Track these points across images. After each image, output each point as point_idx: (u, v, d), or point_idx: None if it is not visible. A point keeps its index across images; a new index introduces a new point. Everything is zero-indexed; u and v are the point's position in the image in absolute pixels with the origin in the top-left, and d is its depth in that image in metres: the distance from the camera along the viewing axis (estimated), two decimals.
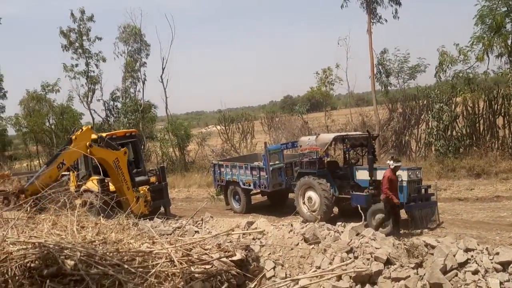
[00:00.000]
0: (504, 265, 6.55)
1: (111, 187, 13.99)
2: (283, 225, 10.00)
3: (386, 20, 20.64)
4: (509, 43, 17.83)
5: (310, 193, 12.52)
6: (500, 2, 17.57)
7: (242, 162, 15.27)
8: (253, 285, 3.85)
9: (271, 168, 13.76)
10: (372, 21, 20.54)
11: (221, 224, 10.02)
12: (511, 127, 18.34)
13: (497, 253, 6.74)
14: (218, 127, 26.30)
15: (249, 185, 14.53)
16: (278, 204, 15.18)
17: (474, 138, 18.73)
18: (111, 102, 29.28)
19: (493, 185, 15.48)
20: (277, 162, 14.28)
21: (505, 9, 17.64)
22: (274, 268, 8.29)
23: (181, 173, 24.20)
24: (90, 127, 12.29)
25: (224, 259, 3.81)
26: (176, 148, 26.77)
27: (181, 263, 3.62)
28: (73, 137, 11.25)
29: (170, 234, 6.90)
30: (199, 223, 10.29)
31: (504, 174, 16.23)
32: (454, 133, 19.07)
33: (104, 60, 28.41)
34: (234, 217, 13.16)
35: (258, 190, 14.94)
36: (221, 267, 3.74)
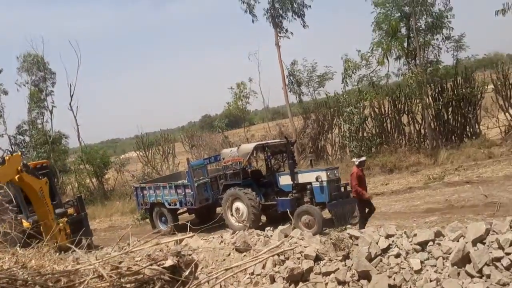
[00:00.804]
0: (423, 245, 7.03)
1: (25, 224, 13.05)
2: (213, 237, 9.94)
3: (292, 33, 21.61)
4: (405, 46, 19.39)
5: (237, 204, 12.58)
6: (393, 8, 19.08)
7: (166, 182, 14.97)
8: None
9: (196, 184, 13.64)
10: (279, 34, 21.37)
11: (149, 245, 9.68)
12: (415, 124, 19.87)
13: (415, 235, 7.22)
14: (137, 152, 25.55)
15: (175, 204, 14.25)
16: (206, 220, 14.96)
17: (384, 137, 20.03)
18: (18, 136, 27.35)
19: (405, 178, 16.61)
20: (201, 177, 14.18)
21: (399, 14, 19.19)
22: (208, 282, 8.20)
23: (101, 202, 23.11)
24: (19, 153, 11.49)
25: (155, 266, 3.71)
26: (93, 177, 25.56)
27: (110, 276, 3.47)
28: (7, 157, 10.64)
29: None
30: (125, 249, 9.88)
31: (414, 167, 17.49)
32: (365, 134, 20.25)
33: (5, 93, 26.59)
34: (162, 238, 12.79)
35: (185, 208, 14.70)
36: (153, 274, 3.64)
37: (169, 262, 3.85)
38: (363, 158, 11.00)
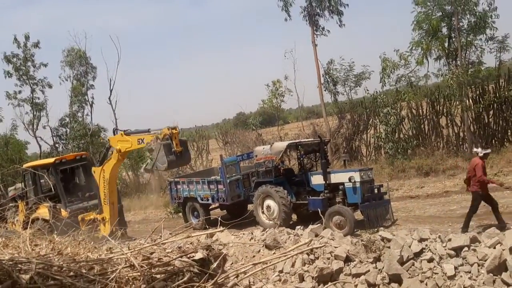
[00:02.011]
0: (457, 251, 6.87)
1: (63, 213, 13.55)
2: (243, 233, 10.03)
3: (329, 31, 21.41)
4: (446, 46, 18.87)
5: (269, 202, 12.61)
6: (435, 7, 18.60)
7: (199, 177, 15.17)
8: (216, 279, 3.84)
9: (228, 181, 13.75)
10: (315, 33, 21.24)
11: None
12: (454, 126, 19.32)
13: (450, 240, 7.06)
14: None
15: (207, 200, 14.43)
16: (238, 216, 15.08)
17: (421, 139, 19.57)
18: (60, 128, 28.34)
19: (442, 181, 16.19)
20: (234, 174, 14.29)
21: (440, 13, 18.66)
22: (236, 277, 8.28)
23: (136, 195, 23.66)
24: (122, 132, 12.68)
25: (185, 258, 3.79)
26: (129, 170, 26.18)
27: (141, 266, 3.57)
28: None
29: None
30: (157, 240, 10.10)
31: (451, 170, 17.01)
32: (401, 135, 19.85)
33: (50, 86, 27.57)
34: (194, 232, 12.99)
35: (217, 204, 14.86)
36: (182, 266, 3.72)
37: (198, 255, 3.92)
38: (489, 150, 10.59)
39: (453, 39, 18.67)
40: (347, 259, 7.61)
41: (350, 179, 11.42)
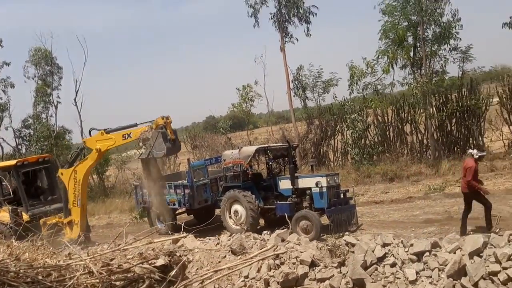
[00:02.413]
0: (419, 256, 7.00)
1: (24, 216, 13.13)
2: (209, 239, 9.94)
3: (297, 39, 21.69)
4: (411, 55, 19.37)
5: (236, 206, 12.54)
6: (401, 17, 19.08)
7: (165, 181, 14.94)
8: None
9: (195, 185, 13.62)
10: (284, 39, 21.43)
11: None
12: (418, 133, 19.82)
13: (412, 245, 7.19)
14: (138, 151, 25.49)
15: (174, 204, 14.22)
16: (205, 221, 14.95)
17: (386, 145, 20.00)
18: (23, 130, 27.45)
19: (406, 187, 16.55)
20: (201, 178, 14.17)
21: (406, 23, 19.17)
22: (202, 282, 8.19)
23: (101, 199, 23.14)
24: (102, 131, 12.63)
25: (146, 265, 3.70)
26: (94, 174, 25.59)
27: (100, 273, 3.47)
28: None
29: None
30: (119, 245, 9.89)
31: (415, 176, 17.44)
32: (367, 141, 20.23)
33: (12, 86, 26.72)
34: (159, 238, 12.77)
35: (184, 209, 14.67)
36: (143, 273, 3.63)
37: (160, 261, 3.84)
38: (484, 153, 10.39)
39: (418, 48, 19.20)
40: (313, 264, 7.64)
41: (317, 184, 11.49)
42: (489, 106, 18.81)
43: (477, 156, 9.82)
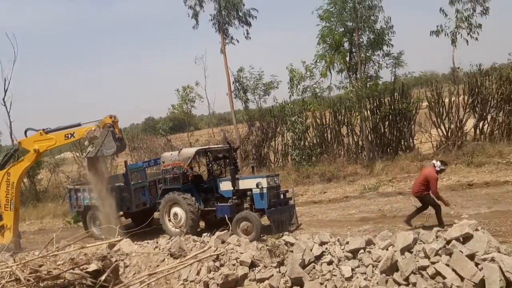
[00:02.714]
0: (354, 253, 7.21)
1: None
2: (147, 242, 9.69)
3: (237, 41, 21.79)
4: (347, 60, 20.03)
5: (176, 209, 12.34)
6: (338, 23, 19.67)
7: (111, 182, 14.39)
8: None
9: (133, 188, 13.26)
10: (225, 41, 21.45)
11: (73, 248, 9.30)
12: (353, 135, 20.53)
13: (347, 243, 7.40)
14: (74, 153, 24.47)
15: None
16: (146, 226, 14.58)
17: (324, 147, 20.55)
18: None
19: (342, 187, 17.10)
20: (139, 181, 13.81)
21: (343, 29, 19.80)
22: (139, 285, 7.96)
23: (32, 203, 21.92)
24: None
25: (77, 271, 3.53)
26: (25, 177, 24.16)
27: (28, 280, 3.26)
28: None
29: None
30: (49, 251, 9.41)
31: (351, 177, 18.06)
32: (306, 143, 20.68)
33: None
34: (94, 243, 12.28)
35: (121, 212, 14.24)
36: (74, 278, 3.46)
37: (92, 267, 3.68)
38: (446, 168, 10.77)
39: (354, 53, 19.90)
40: (252, 265, 7.66)
41: (257, 185, 11.58)
42: (419, 110, 19.84)
43: (439, 169, 10.32)
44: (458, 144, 18.30)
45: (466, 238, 6.36)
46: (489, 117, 18.85)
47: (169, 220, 12.54)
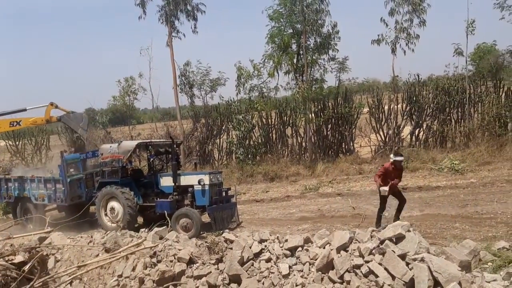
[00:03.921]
0: (292, 251, 7.29)
1: None
2: (81, 236, 9.30)
3: (184, 35, 21.53)
4: (295, 62, 20.28)
5: (113, 203, 11.94)
6: (287, 24, 19.86)
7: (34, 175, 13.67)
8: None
9: (68, 180, 12.68)
10: (172, 34, 21.10)
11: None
12: (297, 136, 20.83)
13: (286, 241, 7.47)
14: (6, 141, 23.09)
15: (43, 200, 13.09)
16: (78, 219, 14.01)
17: (268, 147, 20.69)
18: None
19: (284, 187, 17.33)
20: (76, 173, 13.23)
21: (291, 31, 20.01)
22: (70, 283, 7.61)
23: None
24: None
25: (1, 261, 3.27)
26: None
27: None
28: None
29: None
30: None
31: (293, 177, 18.32)
32: (251, 142, 20.74)
33: None
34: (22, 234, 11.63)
35: (54, 205, 13.59)
36: None
37: (19, 258, 3.44)
38: (398, 158, 10.26)
39: (301, 56, 20.18)
40: (191, 261, 7.54)
41: (199, 182, 11.43)
42: (360, 115, 20.51)
43: (392, 160, 10.20)
44: (395, 150, 19.07)
45: (398, 239, 6.59)
46: (424, 125, 19.81)
47: (106, 214, 12.13)
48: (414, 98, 19.67)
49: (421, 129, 19.87)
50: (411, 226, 7.00)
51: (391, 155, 10.47)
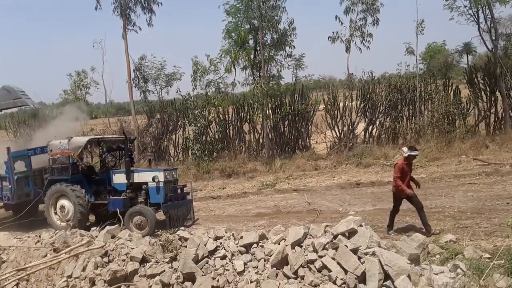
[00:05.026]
0: (247, 247, 7.28)
1: None
2: (28, 236, 8.92)
3: (140, 28, 21.09)
4: (252, 58, 20.27)
5: (63, 202, 11.52)
6: (244, 19, 19.81)
7: None
8: None
9: (15, 177, 12.12)
10: (127, 27, 20.58)
11: None
12: (255, 133, 20.87)
13: (242, 237, 7.45)
14: None
15: None
16: (24, 217, 13.41)
17: (225, 143, 20.61)
18: None
19: (242, 183, 17.30)
20: (23, 169, 12.66)
21: (248, 26, 19.99)
22: (17, 285, 7.28)
23: None
24: None
25: None
26: None
27: None
28: None
29: None
30: None
31: (250, 173, 18.35)
32: (208, 138, 20.59)
33: None
34: None
35: (1, 204, 12.96)
36: None
37: None
38: (416, 152, 9.42)
39: (258, 52, 20.20)
40: (144, 260, 7.38)
41: (154, 179, 11.21)
42: (316, 112, 20.79)
43: (406, 155, 9.23)
44: (350, 146, 19.49)
45: (351, 233, 6.72)
46: (377, 121, 20.34)
47: (55, 213, 11.70)
48: (368, 96, 20.14)
49: (374, 126, 20.39)
50: (363, 220, 7.16)
51: (404, 149, 9.40)
